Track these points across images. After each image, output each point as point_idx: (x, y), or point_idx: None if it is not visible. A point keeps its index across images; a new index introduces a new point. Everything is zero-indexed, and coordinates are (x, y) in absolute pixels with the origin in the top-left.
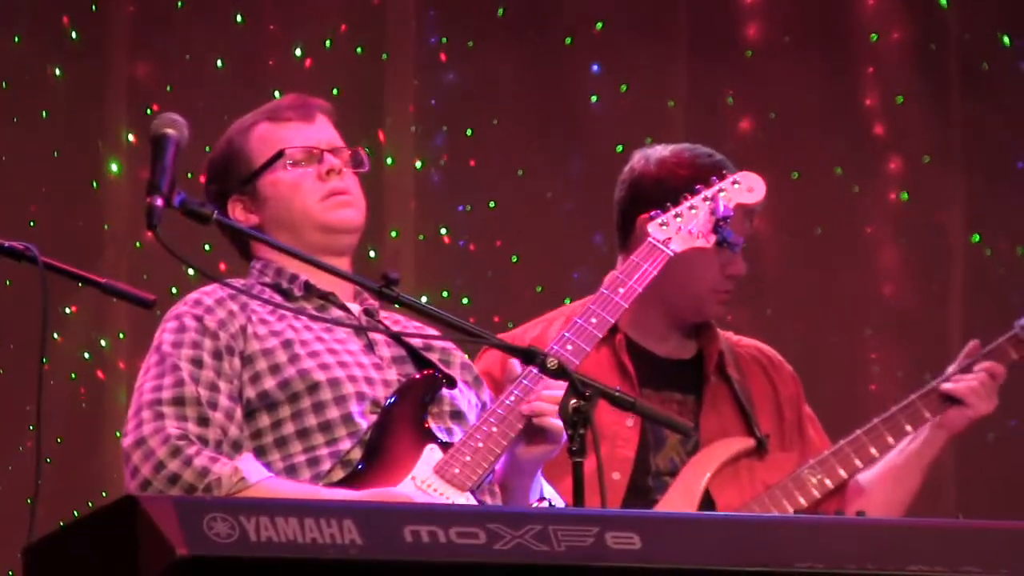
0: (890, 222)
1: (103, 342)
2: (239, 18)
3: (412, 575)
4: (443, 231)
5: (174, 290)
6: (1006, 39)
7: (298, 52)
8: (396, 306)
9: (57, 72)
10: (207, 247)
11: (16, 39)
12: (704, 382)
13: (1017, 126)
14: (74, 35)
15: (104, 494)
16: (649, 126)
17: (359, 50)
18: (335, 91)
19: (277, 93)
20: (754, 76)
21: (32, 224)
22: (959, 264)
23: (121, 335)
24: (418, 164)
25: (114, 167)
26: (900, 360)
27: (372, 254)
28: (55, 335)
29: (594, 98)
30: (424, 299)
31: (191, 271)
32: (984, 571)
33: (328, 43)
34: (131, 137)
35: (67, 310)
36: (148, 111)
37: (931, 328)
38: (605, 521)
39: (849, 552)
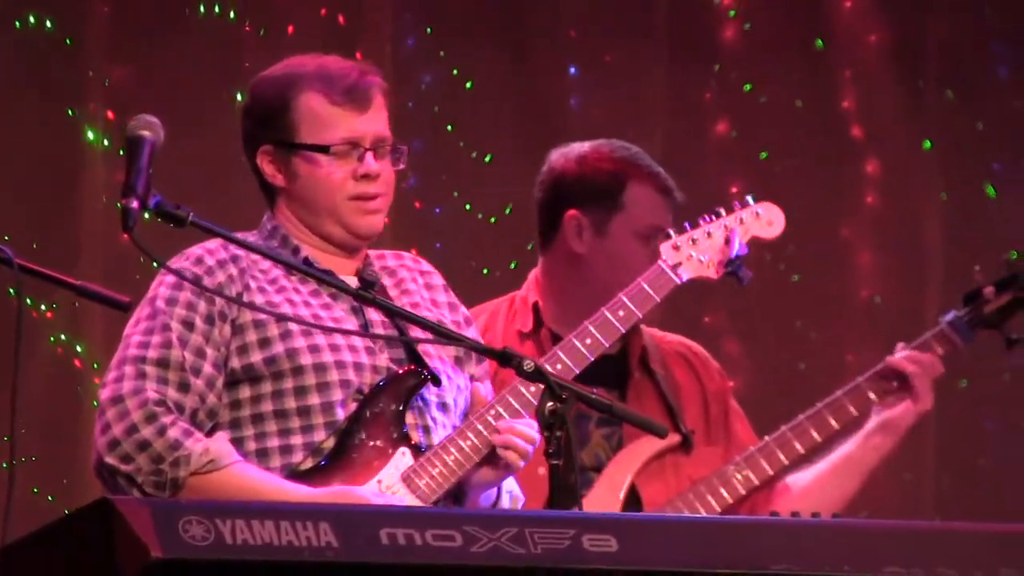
0: (867, 224)
1: (79, 347)
2: (216, 9)
3: None
4: (418, 234)
5: None
6: None
7: (274, 49)
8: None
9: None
10: None
11: None
12: (628, 377)
13: (994, 128)
14: (49, 24)
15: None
16: (628, 129)
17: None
18: None
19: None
20: (732, 78)
21: (7, 237)
22: (936, 266)
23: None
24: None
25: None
26: (876, 362)
27: None
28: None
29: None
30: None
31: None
32: (960, 573)
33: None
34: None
35: (42, 307)
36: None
37: (908, 330)
38: (582, 523)
39: (825, 554)
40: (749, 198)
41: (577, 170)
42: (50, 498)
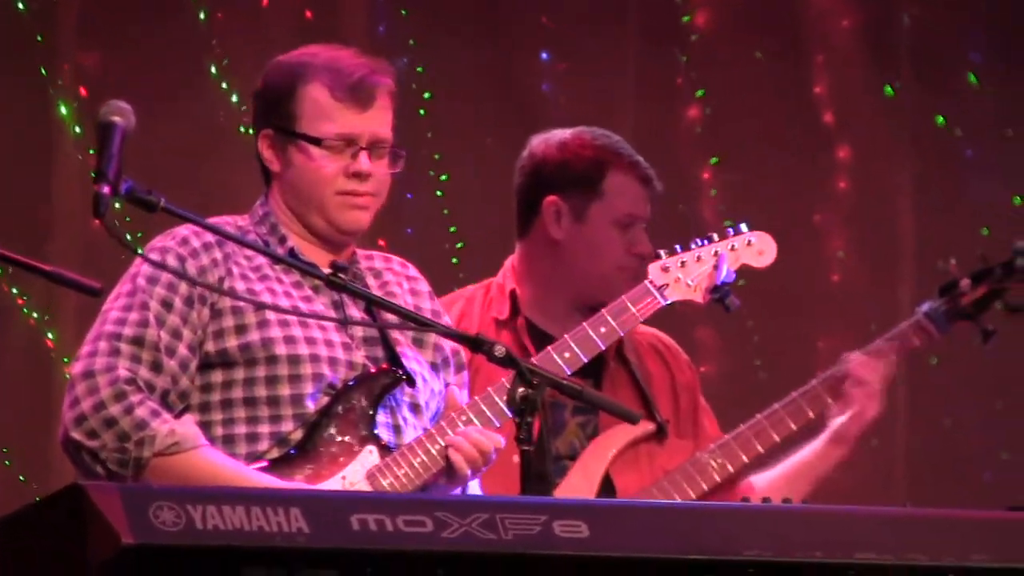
0: (839, 210)
1: (50, 334)
2: None
3: (359, 563)
4: (389, 220)
5: None
6: None
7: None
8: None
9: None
10: None
11: None
12: (603, 366)
13: (966, 114)
14: (22, 5)
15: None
16: (599, 113)
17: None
18: None
19: (225, 85)
20: (704, 63)
21: None
22: (908, 252)
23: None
24: None
25: (63, 109)
26: (848, 348)
27: None
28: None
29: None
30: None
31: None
32: (930, 559)
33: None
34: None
35: (14, 290)
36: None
37: (879, 316)
38: (553, 509)
39: (796, 540)
40: (743, 226)
41: (558, 156)
42: (21, 478)
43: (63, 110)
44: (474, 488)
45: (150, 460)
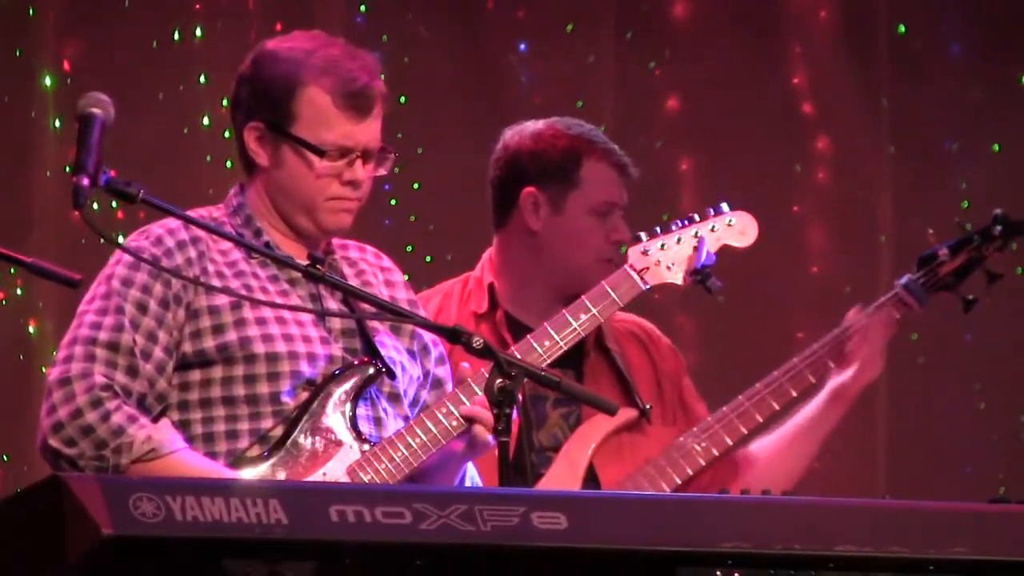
0: (818, 201)
1: (31, 328)
2: None
3: (338, 554)
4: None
5: None
6: None
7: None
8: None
9: None
10: None
11: None
12: (584, 356)
13: (945, 106)
14: None
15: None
16: (577, 105)
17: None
18: None
19: (202, 77)
20: (682, 54)
21: None
22: (887, 243)
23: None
24: None
25: (48, 80)
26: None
27: None
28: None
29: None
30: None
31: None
32: (911, 551)
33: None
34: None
35: None
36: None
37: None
38: (531, 501)
39: (776, 532)
40: (724, 205)
41: (533, 147)
42: (5, 457)
43: (46, 80)
44: (471, 472)
45: (128, 467)
